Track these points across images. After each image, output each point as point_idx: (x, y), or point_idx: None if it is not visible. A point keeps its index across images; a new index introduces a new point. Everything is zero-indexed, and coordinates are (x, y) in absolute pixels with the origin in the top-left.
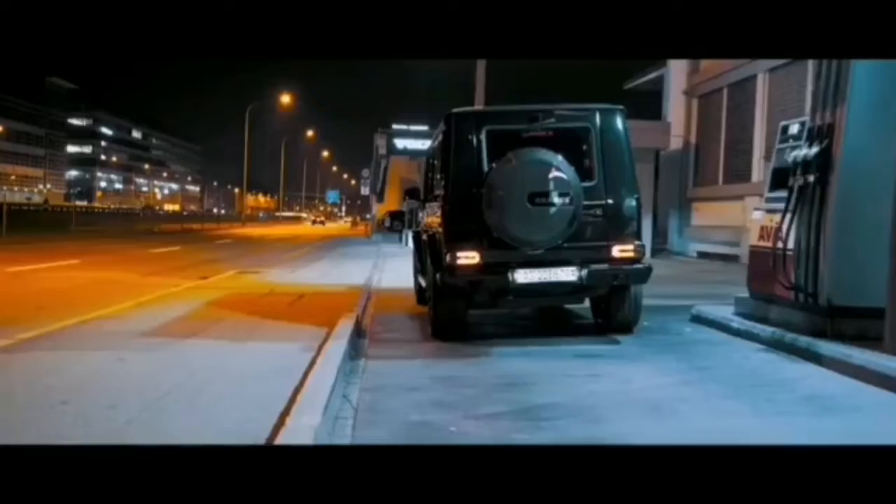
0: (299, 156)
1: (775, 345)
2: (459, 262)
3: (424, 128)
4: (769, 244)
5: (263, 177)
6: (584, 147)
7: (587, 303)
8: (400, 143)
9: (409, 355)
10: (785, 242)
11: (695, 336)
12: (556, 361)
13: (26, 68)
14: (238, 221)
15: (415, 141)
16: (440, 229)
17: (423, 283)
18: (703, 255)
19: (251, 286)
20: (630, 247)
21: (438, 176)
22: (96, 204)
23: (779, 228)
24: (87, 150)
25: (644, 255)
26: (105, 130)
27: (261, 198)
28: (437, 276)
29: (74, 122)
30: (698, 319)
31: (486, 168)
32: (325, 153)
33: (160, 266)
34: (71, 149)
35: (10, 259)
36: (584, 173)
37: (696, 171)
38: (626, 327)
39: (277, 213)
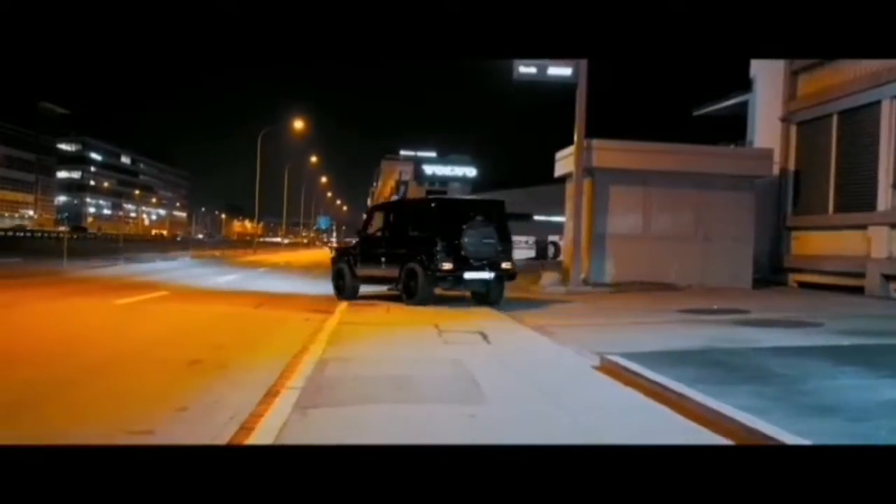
0: (285, 181)
1: None
2: (445, 266)
3: (464, 156)
4: None
5: (248, 202)
6: (493, 218)
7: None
8: (429, 168)
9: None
10: None
11: None
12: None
13: (18, 92)
14: (249, 247)
15: (444, 167)
16: (425, 252)
17: (343, 284)
18: (807, 286)
19: (387, 320)
20: (509, 265)
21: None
22: (108, 230)
23: None
24: (77, 175)
25: (515, 269)
26: (94, 156)
27: (247, 223)
28: (427, 273)
29: (64, 147)
30: None
31: (458, 225)
32: (324, 179)
33: (257, 298)
34: (60, 174)
35: (97, 291)
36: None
37: (797, 200)
38: (496, 302)
39: (263, 239)
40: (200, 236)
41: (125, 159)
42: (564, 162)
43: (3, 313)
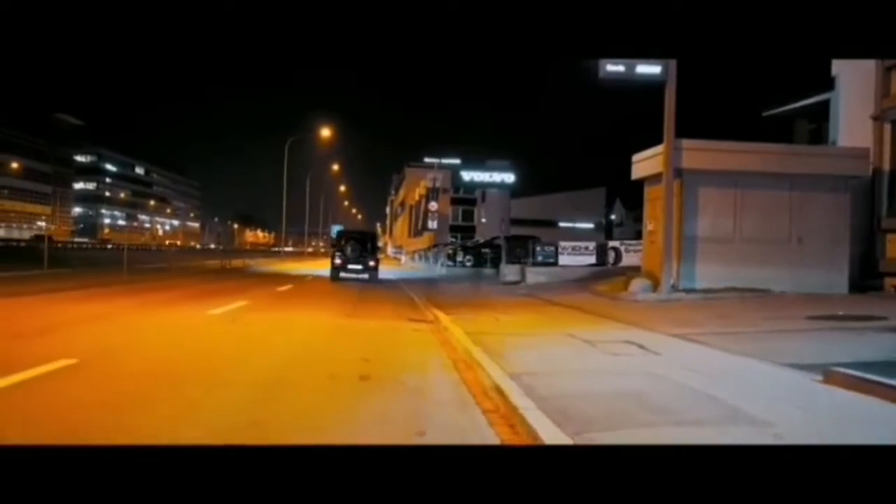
0: (300, 189)
1: None
2: (337, 262)
3: (503, 162)
4: None
5: (259, 212)
6: (367, 239)
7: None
8: (467, 175)
9: None
10: None
11: None
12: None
13: (35, 104)
14: (275, 256)
15: (482, 173)
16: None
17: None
18: None
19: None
20: (374, 262)
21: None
22: (123, 240)
23: None
24: (92, 186)
25: (378, 264)
26: (109, 167)
27: (259, 233)
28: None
29: (80, 158)
30: None
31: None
32: (342, 188)
33: (338, 306)
34: (76, 185)
35: (179, 300)
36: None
37: (892, 201)
38: (373, 280)
39: (276, 248)
40: (213, 246)
41: (139, 170)
42: (645, 164)
43: (111, 327)
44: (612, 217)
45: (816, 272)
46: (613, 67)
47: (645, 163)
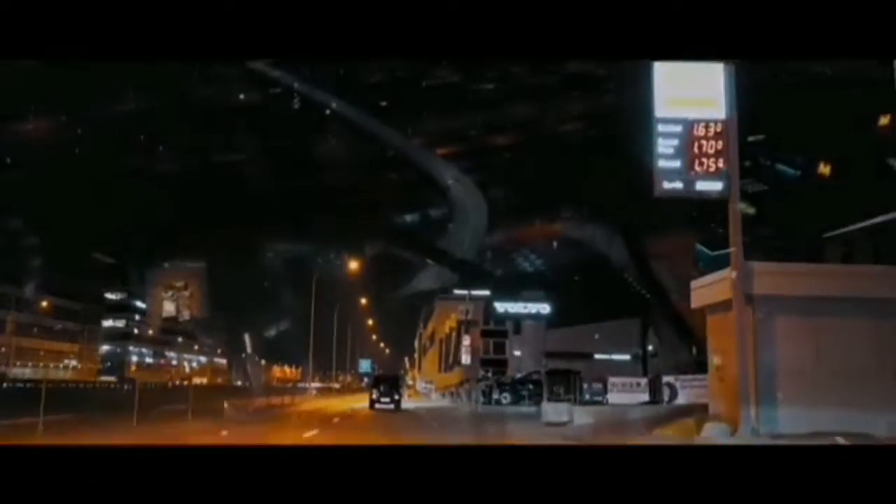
0: (327, 323)
1: None
2: (374, 397)
3: (538, 292)
4: None
5: (286, 347)
6: (392, 381)
7: None
8: (501, 306)
9: None
10: None
11: None
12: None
13: (71, 246)
14: (304, 393)
15: (516, 304)
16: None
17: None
18: None
19: None
20: (398, 397)
21: None
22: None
23: None
24: (121, 324)
25: (401, 398)
26: (139, 304)
27: (287, 369)
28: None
29: (110, 296)
30: None
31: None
32: (370, 321)
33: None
34: (105, 323)
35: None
36: None
37: None
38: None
39: (303, 385)
40: (239, 383)
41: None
42: (707, 290)
43: None
44: (650, 348)
45: None
46: (670, 185)
47: (707, 289)
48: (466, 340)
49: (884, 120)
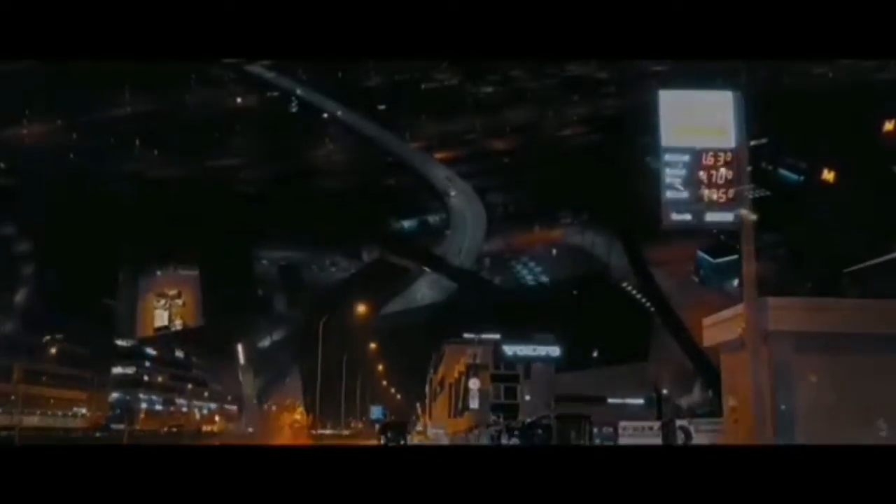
0: (335, 368)
1: None
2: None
3: (547, 335)
4: None
5: (295, 385)
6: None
7: None
8: (510, 349)
9: None
10: None
11: None
12: None
13: (83, 291)
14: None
15: (525, 347)
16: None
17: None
18: None
19: None
20: (405, 443)
21: None
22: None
23: None
24: (131, 371)
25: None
26: (149, 350)
27: (297, 415)
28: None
29: (120, 342)
30: None
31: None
32: (380, 367)
33: None
34: (115, 370)
35: None
36: None
37: None
38: None
39: (313, 431)
40: (251, 430)
41: (179, 353)
42: (720, 328)
43: None
44: (664, 391)
45: None
46: (679, 216)
47: (719, 327)
48: (475, 384)
49: (889, 125)
